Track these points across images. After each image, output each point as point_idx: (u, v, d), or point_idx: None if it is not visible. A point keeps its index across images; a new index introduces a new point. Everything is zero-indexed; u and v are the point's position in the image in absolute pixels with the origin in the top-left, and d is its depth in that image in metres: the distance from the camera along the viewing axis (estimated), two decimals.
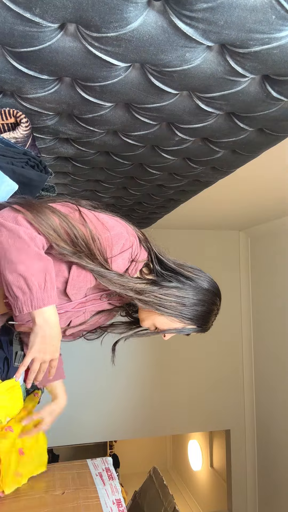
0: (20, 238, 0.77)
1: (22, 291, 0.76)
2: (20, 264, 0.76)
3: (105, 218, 0.91)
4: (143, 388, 3.49)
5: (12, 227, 0.78)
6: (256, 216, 3.14)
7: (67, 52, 0.88)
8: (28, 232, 0.79)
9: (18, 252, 0.76)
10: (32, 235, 0.79)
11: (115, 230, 0.89)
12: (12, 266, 0.76)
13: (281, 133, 1.31)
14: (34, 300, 0.77)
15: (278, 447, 3.29)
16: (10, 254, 0.76)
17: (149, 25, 0.80)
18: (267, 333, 3.47)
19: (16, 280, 0.76)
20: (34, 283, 0.76)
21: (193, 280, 0.98)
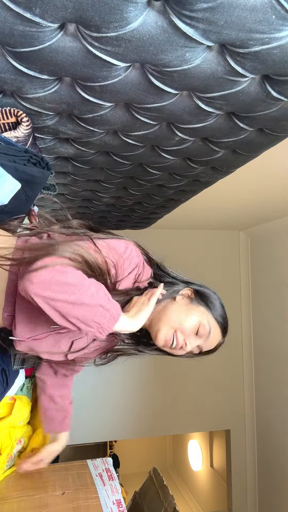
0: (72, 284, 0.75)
1: (104, 316, 0.76)
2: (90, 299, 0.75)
3: (114, 242, 0.89)
4: (143, 388, 3.49)
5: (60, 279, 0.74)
6: (256, 216, 3.14)
7: (67, 52, 0.88)
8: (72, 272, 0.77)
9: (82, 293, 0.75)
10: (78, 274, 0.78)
11: (127, 253, 0.89)
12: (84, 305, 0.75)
13: (281, 133, 1.31)
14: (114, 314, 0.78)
15: (278, 447, 3.29)
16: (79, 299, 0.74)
17: (149, 25, 0.80)
18: (267, 333, 3.47)
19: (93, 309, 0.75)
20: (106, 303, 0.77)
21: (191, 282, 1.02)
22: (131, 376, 3.45)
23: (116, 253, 0.87)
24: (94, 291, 0.76)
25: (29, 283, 0.73)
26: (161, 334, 0.94)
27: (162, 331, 0.94)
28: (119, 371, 3.36)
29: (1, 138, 1.05)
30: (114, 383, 3.36)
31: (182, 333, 0.94)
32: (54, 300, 0.73)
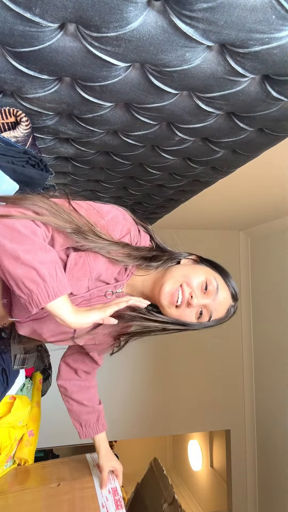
0: (20, 233, 0.72)
1: (35, 282, 0.70)
2: (27, 256, 0.70)
3: (98, 204, 0.87)
4: (143, 388, 3.49)
5: (9, 223, 0.72)
6: (256, 216, 3.14)
7: (67, 52, 0.88)
8: (27, 225, 0.73)
9: (22, 246, 0.71)
10: (32, 228, 0.74)
11: (110, 215, 0.85)
12: (19, 260, 0.70)
13: (281, 133, 1.31)
14: (50, 289, 0.70)
15: (278, 447, 3.29)
16: (14, 250, 0.70)
17: (149, 25, 0.80)
18: (267, 333, 3.47)
19: (27, 272, 0.69)
20: (45, 272, 0.70)
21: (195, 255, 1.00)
22: (131, 376, 3.45)
23: (97, 213, 0.83)
24: (39, 254, 0.71)
25: None
26: (166, 287, 0.89)
27: (167, 283, 0.89)
28: (119, 371, 3.36)
29: (0, 138, 1.05)
30: (114, 383, 3.36)
31: (189, 286, 0.89)
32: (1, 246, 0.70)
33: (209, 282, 0.91)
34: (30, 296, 0.70)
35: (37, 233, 0.75)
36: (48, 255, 0.73)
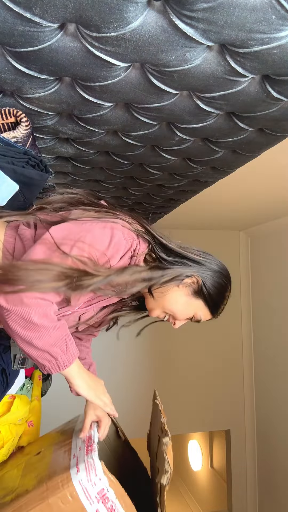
0: (33, 323, 0.79)
1: (48, 361, 0.82)
2: (40, 342, 0.80)
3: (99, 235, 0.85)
4: (143, 388, 3.49)
5: (25, 315, 0.79)
6: (256, 216, 3.14)
7: (67, 52, 0.88)
8: (40, 313, 0.80)
9: (35, 333, 0.80)
10: (44, 313, 0.80)
11: (113, 243, 0.86)
12: (33, 346, 0.80)
13: (281, 133, 1.31)
14: (61, 363, 0.83)
15: (278, 447, 3.29)
16: (28, 337, 0.79)
17: (149, 25, 0.80)
18: (267, 333, 3.47)
19: (41, 354, 0.81)
20: (57, 351, 0.82)
21: (200, 263, 0.96)
22: (131, 376, 3.45)
23: (99, 251, 0.84)
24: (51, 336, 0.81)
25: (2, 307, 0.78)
26: (153, 314, 1.01)
27: (155, 311, 1.00)
28: (118, 371, 3.36)
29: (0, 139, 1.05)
30: (113, 383, 3.36)
31: (174, 319, 1.01)
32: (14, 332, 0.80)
33: (195, 317, 1.01)
34: (43, 368, 0.83)
35: (49, 314, 0.82)
36: (59, 332, 0.82)
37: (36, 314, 0.79)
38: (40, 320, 0.79)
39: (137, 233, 0.93)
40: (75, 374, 0.87)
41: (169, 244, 0.96)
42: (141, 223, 0.96)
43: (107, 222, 0.89)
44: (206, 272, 0.96)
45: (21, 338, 0.80)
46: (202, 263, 0.97)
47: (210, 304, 0.99)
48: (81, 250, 0.83)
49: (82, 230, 0.85)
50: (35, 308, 0.79)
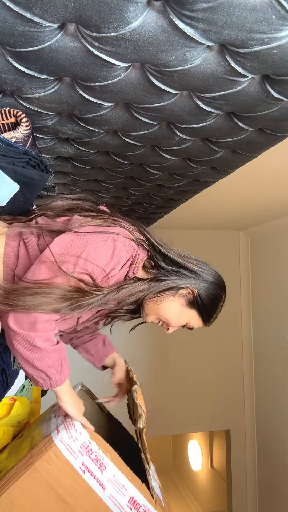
0: (36, 346, 0.85)
1: (43, 379, 0.89)
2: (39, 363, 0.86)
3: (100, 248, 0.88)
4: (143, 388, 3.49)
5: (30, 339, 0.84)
6: (256, 216, 3.14)
7: (67, 52, 0.88)
8: (43, 337, 0.85)
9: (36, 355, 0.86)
10: (48, 337, 0.86)
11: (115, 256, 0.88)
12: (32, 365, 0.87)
13: (281, 133, 1.31)
14: (53, 382, 0.89)
15: (278, 447, 3.29)
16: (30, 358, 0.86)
17: (149, 25, 0.80)
18: (267, 333, 3.47)
19: (38, 373, 0.88)
20: (53, 372, 0.88)
21: (197, 273, 0.99)
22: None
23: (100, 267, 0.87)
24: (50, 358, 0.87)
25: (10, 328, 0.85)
26: (148, 319, 1.05)
27: (150, 317, 1.04)
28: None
29: (0, 139, 1.05)
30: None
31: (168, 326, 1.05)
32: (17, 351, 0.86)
33: (188, 325, 1.04)
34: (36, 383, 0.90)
35: (51, 338, 0.88)
36: (57, 354, 0.88)
37: (40, 339, 0.85)
38: (43, 344, 0.85)
39: (137, 242, 0.95)
40: (64, 391, 0.93)
41: (168, 253, 0.99)
42: (141, 231, 0.98)
43: (109, 234, 0.90)
44: (202, 284, 1.00)
45: (23, 358, 0.86)
46: (199, 273, 1.00)
47: (203, 314, 1.02)
48: (82, 267, 0.86)
49: (83, 244, 0.88)
50: (41, 333, 0.84)
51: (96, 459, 0.90)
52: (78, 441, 0.90)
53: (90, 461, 0.90)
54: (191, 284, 0.98)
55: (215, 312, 1.04)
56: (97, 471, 0.90)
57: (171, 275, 0.98)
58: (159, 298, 0.99)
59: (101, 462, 0.90)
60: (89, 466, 0.90)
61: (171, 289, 0.98)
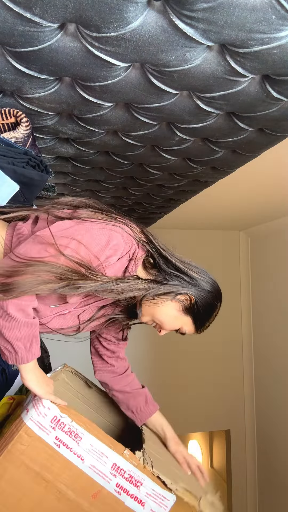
0: (8, 314, 0.84)
1: (10, 352, 0.88)
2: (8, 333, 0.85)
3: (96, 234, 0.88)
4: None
5: (3, 305, 0.84)
6: (256, 216, 3.14)
7: (67, 52, 0.88)
8: (18, 306, 0.85)
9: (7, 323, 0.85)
10: (21, 307, 0.85)
11: (111, 244, 0.89)
12: (1, 334, 0.86)
13: (281, 133, 1.31)
14: (19, 358, 0.88)
15: (278, 446, 3.29)
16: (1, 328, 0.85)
17: (149, 25, 0.80)
18: (267, 332, 3.47)
19: (5, 344, 0.87)
20: (20, 346, 0.87)
21: (197, 281, 1.00)
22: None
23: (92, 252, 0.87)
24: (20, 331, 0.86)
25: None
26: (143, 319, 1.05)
27: (145, 318, 1.04)
28: None
29: (0, 139, 1.05)
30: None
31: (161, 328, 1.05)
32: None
33: (181, 330, 1.05)
34: (2, 355, 0.89)
35: (26, 309, 0.86)
36: (29, 330, 0.87)
37: (13, 306, 0.83)
38: (15, 314, 0.84)
39: (137, 240, 0.96)
40: (28, 370, 0.91)
41: (171, 257, 0.99)
42: (144, 233, 0.99)
43: (108, 223, 0.91)
44: (200, 292, 1.00)
45: None
46: (198, 281, 1.00)
47: (197, 322, 1.03)
48: (75, 250, 0.85)
49: (81, 228, 0.88)
50: (15, 301, 0.83)
51: (70, 431, 0.90)
52: (47, 416, 0.90)
53: (64, 434, 0.89)
54: (189, 291, 1.00)
55: (209, 321, 1.05)
56: (73, 443, 0.89)
57: (172, 279, 0.98)
58: (157, 301, 0.99)
59: (75, 434, 0.89)
60: (64, 440, 0.89)
61: (170, 294, 0.99)
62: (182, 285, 0.99)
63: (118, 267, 0.92)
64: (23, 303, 0.85)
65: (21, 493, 0.90)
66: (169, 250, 1.01)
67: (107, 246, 0.88)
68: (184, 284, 0.99)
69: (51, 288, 0.84)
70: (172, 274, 0.98)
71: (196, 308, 1.01)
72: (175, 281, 0.98)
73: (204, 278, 1.02)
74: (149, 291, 0.96)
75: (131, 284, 0.94)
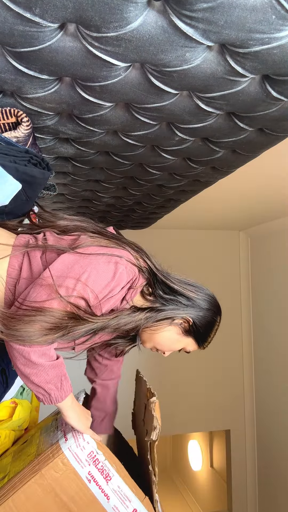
0: (32, 361, 0.85)
1: (43, 395, 0.89)
2: (36, 379, 0.87)
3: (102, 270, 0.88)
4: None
5: (25, 354, 0.85)
6: (256, 216, 3.14)
7: (67, 52, 0.88)
8: (39, 352, 0.86)
9: (33, 370, 0.86)
10: (43, 352, 0.86)
11: (116, 277, 0.89)
12: (30, 381, 0.87)
13: (281, 133, 1.31)
14: (53, 398, 0.90)
15: (278, 447, 3.29)
16: (27, 374, 0.87)
17: (149, 25, 0.80)
18: (267, 333, 3.47)
19: (37, 389, 0.88)
20: (51, 388, 0.89)
21: (194, 301, 1.00)
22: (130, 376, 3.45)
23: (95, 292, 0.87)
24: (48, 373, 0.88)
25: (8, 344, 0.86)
26: (146, 346, 1.09)
27: (147, 344, 1.07)
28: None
29: (1, 138, 1.05)
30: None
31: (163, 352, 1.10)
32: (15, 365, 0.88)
33: (184, 350, 1.09)
34: (38, 399, 0.91)
35: (48, 353, 0.88)
36: (56, 371, 0.89)
37: (35, 354, 0.85)
38: (39, 359, 0.85)
39: (139, 268, 0.95)
40: (67, 407, 0.93)
41: (168, 280, 1.00)
42: (143, 259, 0.98)
43: (112, 256, 0.90)
44: (197, 312, 1.01)
45: (21, 373, 0.86)
46: (195, 301, 1.01)
47: (199, 341, 1.05)
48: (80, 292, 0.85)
49: (86, 264, 0.87)
50: (36, 348, 0.85)
51: (102, 469, 0.91)
52: (85, 450, 0.91)
53: (96, 471, 0.90)
54: (186, 314, 1.00)
55: (210, 337, 1.06)
56: (103, 481, 0.90)
57: (168, 304, 0.98)
58: (156, 327, 1.00)
59: (107, 473, 0.91)
60: (95, 476, 0.90)
61: (168, 319, 1.00)
62: (179, 307, 0.99)
63: (118, 297, 0.93)
64: (44, 348, 0.86)
65: None
66: (166, 272, 1.01)
67: (112, 281, 0.88)
68: (181, 307, 0.99)
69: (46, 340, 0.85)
70: (169, 299, 0.99)
71: (196, 329, 1.02)
72: (172, 305, 0.99)
73: (201, 296, 1.02)
74: (147, 320, 0.97)
75: (128, 318, 0.94)
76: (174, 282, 1.00)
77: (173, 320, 1.00)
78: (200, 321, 1.01)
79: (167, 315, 0.99)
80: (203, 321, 1.02)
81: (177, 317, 1.00)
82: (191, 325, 1.01)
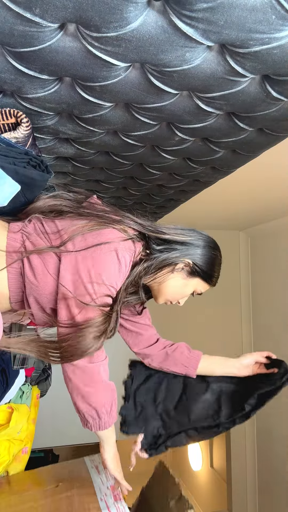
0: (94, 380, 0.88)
1: (93, 418, 0.90)
2: (93, 399, 0.88)
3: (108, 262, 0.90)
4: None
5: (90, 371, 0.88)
6: (256, 216, 3.14)
7: (67, 52, 0.88)
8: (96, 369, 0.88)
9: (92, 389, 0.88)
10: (104, 368, 0.90)
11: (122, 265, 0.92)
12: (86, 400, 0.88)
13: (281, 133, 1.31)
14: (102, 424, 0.91)
15: (278, 447, 3.29)
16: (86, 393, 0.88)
17: (149, 25, 0.80)
18: (267, 333, 3.47)
19: (90, 410, 0.89)
20: (103, 412, 0.90)
21: (187, 243, 1.03)
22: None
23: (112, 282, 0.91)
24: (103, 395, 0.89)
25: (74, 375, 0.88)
26: (159, 301, 1.09)
27: (160, 300, 1.08)
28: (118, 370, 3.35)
29: (1, 139, 1.05)
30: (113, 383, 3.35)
31: (176, 301, 1.09)
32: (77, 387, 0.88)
33: (196, 292, 1.08)
34: (85, 425, 0.92)
35: (107, 368, 0.92)
36: (109, 393, 0.91)
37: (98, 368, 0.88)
38: (98, 377, 0.89)
39: (132, 240, 0.97)
40: (107, 438, 0.96)
41: (159, 235, 1.01)
42: (130, 227, 0.99)
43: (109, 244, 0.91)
44: (195, 252, 1.03)
45: (78, 392, 0.87)
46: (189, 243, 1.03)
47: (206, 278, 1.06)
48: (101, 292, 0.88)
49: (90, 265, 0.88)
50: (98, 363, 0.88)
51: None
52: None
53: None
54: (183, 256, 1.02)
55: (215, 271, 1.08)
56: None
57: (164, 253, 1.01)
58: (160, 279, 1.02)
59: None
60: None
61: (167, 266, 1.01)
62: (175, 252, 1.01)
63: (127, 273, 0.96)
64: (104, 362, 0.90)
65: None
66: (154, 226, 1.02)
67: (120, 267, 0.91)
68: (176, 251, 1.01)
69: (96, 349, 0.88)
70: (163, 249, 1.01)
71: (199, 268, 1.03)
72: (166, 253, 1.01)
73: (195, 236, 1.05)
74: (146, 270, 0.99)
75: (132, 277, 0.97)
76: (164, 233, 1.01)
77: (174, 267, 1.01)
78: (200, 259, 1.03)
79: (165, 261, 1.00)
80: (203, 258, 1.04)
81: (177, 262, 1.01)
82: (193, 266, 1.03)
